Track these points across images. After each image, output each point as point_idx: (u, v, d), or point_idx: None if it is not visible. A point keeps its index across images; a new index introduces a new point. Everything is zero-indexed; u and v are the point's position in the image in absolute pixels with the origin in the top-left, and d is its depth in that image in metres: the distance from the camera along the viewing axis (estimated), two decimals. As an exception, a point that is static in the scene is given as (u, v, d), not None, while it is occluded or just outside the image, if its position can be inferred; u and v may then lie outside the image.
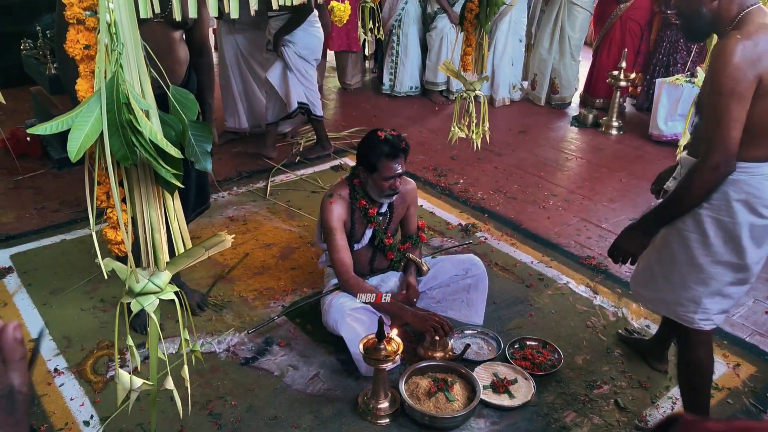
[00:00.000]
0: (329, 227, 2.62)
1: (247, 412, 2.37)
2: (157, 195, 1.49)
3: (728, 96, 1.79)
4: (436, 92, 6.15)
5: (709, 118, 1.86)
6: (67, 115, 1.27)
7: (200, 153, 1.48)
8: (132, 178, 1.45)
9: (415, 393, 2.37)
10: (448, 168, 4.58)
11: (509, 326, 2.88)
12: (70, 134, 1.25)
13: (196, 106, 1.48)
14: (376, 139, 2.56)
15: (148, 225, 1.49)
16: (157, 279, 1.52)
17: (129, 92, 1.27)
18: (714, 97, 1.83)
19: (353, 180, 2.69)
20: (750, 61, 1.79)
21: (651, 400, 2.48)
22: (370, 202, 2.68)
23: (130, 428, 2.27)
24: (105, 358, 2.61)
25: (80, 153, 1.26)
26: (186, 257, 1.54)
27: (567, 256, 3.47)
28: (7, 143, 4.47)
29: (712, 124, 1.84)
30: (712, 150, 1.84)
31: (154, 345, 1.59)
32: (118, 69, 1.26)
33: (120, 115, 1.27)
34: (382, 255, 2.82)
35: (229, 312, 2.93)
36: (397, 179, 2.58)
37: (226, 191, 4.10)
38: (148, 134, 1.29)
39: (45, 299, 2.97)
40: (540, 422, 2.36)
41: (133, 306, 1.51)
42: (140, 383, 1.59)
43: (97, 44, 1.30)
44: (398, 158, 2.54)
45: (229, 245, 1.54)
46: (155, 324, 1.55)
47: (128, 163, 1.34)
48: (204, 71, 2.69)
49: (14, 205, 3.86)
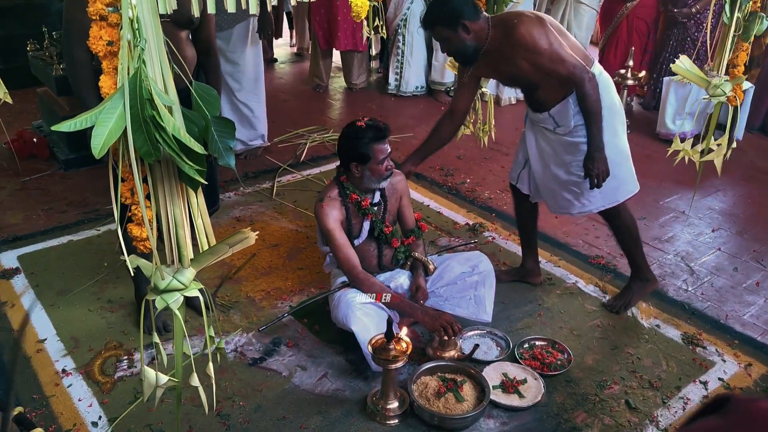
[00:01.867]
0: (327, 229, 2.61)
1: (256, 413, 2.36)
2: (180, 192, 1.49)
3: (551, 45, 2.45)
4: (442, 92, 6.13)
5: (555, 68, 2.47)
6: (90, 112, 1.27)
7: (223, 149, 1.48)
8: (156, 174, 1.45)
9: (424, 393, 2.36)
10: (454, 167, 4.56)
11: (518, 326, 2.87)
12: (94, 131, 1.25)
13: (218, 102, 1.47)
14: (358, 129, 2.60)
15: (172, 222, 1.49)
16: (181, 276, 1.52)
17: (152, 88, 1.27)
18: (545, 57, 2.46)
19: (340, 178, 2.70)
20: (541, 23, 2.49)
21: (662, 400, 2.46)
22: (361, 194, 2.67)
23: (138, 429, 2.26)
24: (113, 358, 2.61)
25: (104, 149, 1.26)
26: (210, 254, 1.54)
27: (575, 256, 3.45)
28: (14, 145, 4.49)
29: (561, 68, 2.46)
30: (578, 73, 2.45)
31: (179, 342, 1.59)
32: (140, 65, 1.26)
33: (143, 111, 1.27)
34: (387, 249, 2.80)
35: (236, 312, 2.92)
36: (389, 158, 2.62)
37: (233, 192, 4.10)
38: (171, 130, 1.29)
39: (52, 300, 2.96)
40: (550, 422, 2.35)
41: (158, 303, 1.51)
42: (165, 380, 1.59)
43: (120, 40, 1.29)
44: (385, 138, 2.60)
45: (253, 242, 1.55)
46: (180, 321, 1.55)
47: (152, 160, 1.34)
48: (211, 71, 2.68)
49: (21, 206, 3.86)
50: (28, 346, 2.67)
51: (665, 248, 3.57)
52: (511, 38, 2.49)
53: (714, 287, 3.22)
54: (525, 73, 2.56)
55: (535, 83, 2.60)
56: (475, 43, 2.55)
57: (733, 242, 3.67)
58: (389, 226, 2.76)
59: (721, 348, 2.77)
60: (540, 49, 2.45)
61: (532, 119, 2.80)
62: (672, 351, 2.73)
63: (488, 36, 2.55)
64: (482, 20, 2.55)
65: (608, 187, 2.65)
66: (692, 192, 4.25)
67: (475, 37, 2.54)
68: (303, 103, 6.05)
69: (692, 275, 3.31)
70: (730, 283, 3.26)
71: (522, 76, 2.60)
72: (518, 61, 2.53)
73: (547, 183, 2.84)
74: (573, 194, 2.77)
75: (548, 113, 2.65)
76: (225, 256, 1.55)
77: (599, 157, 2.55)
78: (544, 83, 2.58)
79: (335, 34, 6.03)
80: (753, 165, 4.78)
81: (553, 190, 2.84)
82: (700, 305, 3.06)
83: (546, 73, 2.52)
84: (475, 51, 2.58)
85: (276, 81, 6.79)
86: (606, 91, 2.59)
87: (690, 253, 3.53)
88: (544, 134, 2.76)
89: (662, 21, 5.55)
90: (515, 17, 2.53)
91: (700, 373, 2.61)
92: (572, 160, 2.69)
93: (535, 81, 2.59)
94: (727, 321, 2.95)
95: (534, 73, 2.54)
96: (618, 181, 2.70)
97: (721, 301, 3.10)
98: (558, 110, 2.62)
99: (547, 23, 2.51)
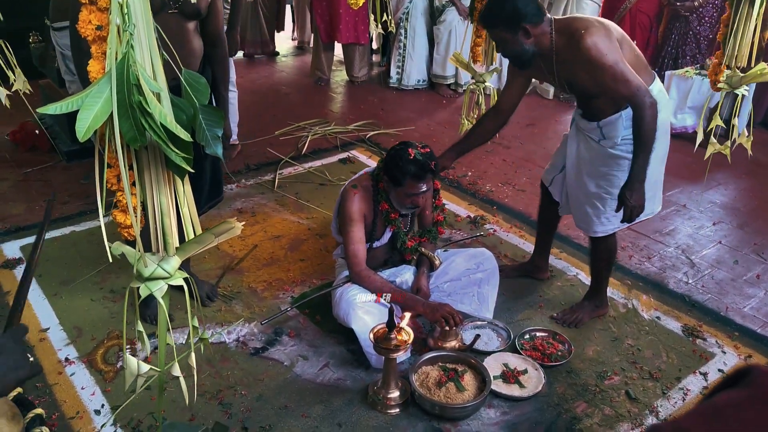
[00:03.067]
0: (349, 217, 2.59)
1: (257, 402, 2.37)
2: (167, 180, 1.48)
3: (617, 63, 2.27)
4: (444, 85, 6.13)
5: (617, 87, 2.29)
6: (77, 96, 1.26)
7: (211, 138, 1.46)
8: (142, 161, 1.43)
9: (426, 383, 2.37)
10: (456, 161, 4.55)
11: (519, 317, 2.88)
12: (79, 114, 1.24)
13: (207, 90, 1.46)
14: (405, 156, 2.49)
15: (158, 210, 1.48)
16: (166, 264, 1.50)
17: (140, 74, 1.26)
18: (608, 74, 2.28)
19: (378, 182, 2.66)
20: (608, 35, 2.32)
21: (662, 391, 2.47)
22: (392, 207, 2.67)
23: (141, 417, 2.27)
24: (115, 347, 2.62)
25: (88, 133, 1.25)
26: (196, 243, 1.52)
27: (576, 248, 3.46)
28: (16, 136, 4.49)
29: (623, 87, 2.28)
30: (640, 97, 2.27)
31: (162, 331, 1.58)
32: (129, 50, 1.25)
33: (130, 97, 1.26)
34: (397, 252, 2.81)
35: (238, 303, 2.93)
36: (420, 197, 2.55)
37: (235, 184, 4.10)
38: (158, 117, 1.28)
39: (55, 290, 2.98)
40: (550, 412, 2.36)
41: (141, 291, 1.49)
42: (147, 368, 1.59)
43: (109, 25, 1.29)
44: (425, 179, 2.51)
45: (239, 232, 1.53)
46: (164, 309, 1.54)
47: (137, 145, 1.32)
48: (218, 63, 2.66)
49: (23, 197, 3.87)
50: (30, 335, 2.68)
51: (666, 241, 3.57)
52: (575, 48, 2.30)
53: (714, 280, 3.22)
54: (584, 83, 2.41)
55: (593, 94, 2.46)
56: (534, 47, 2.38)
57: (734, 235, 3.68)
58: (411, 240, 2.75)
59: (721, 340, 2.77)
60: (605, 65, 2.26)
61: (578, 125, 2.65)
62: (672, 342, 2.74)
63: (550, 41, 2.39)
64: (545, 23, 2.37)
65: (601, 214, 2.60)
66: (693, 186, 4.25)
67: (536, 41, 2.37)
68: (304, 96, 6.05)
69: (693, 268, 3.32)
70: (730, 275, 3.27)
71: (579, 85, 2.46)
72: (579, 72, 2.38)
73: (575, 192, 2.72)
74: (594, 210, 2.64)
75: (597, 124, 2.51)
76: (211, 245, 1.53)
77: (638, 189, 2.39)
78: (601, 96, 2.44)
79: (337, 27, 6.03)
80: (755, 159, 4.78)
81: (579, 201, 2.71)
82: (700, 297, 3.07)
83: (605, 90, 2.37)
84: (532, 56, 2.41)
85: (277, 74, 6.79)
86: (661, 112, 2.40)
87: (691, 246, 3.54)
88: (587, 142, 2.61)
89: (665, 15, 5.54)
90: (582, 26, 2.32)
91: (700, 365, 2.62)
92: (607, 173, 2.55)
93: (593, 92, 2.44)
94: (727, 313, 2.96)
95: (593, 86, 2.38)
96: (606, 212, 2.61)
97: (722, 294, 3.11)
98: (608, 122, 2.48)
99: (614, 35, 2.33)
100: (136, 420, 2.26)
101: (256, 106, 5.64)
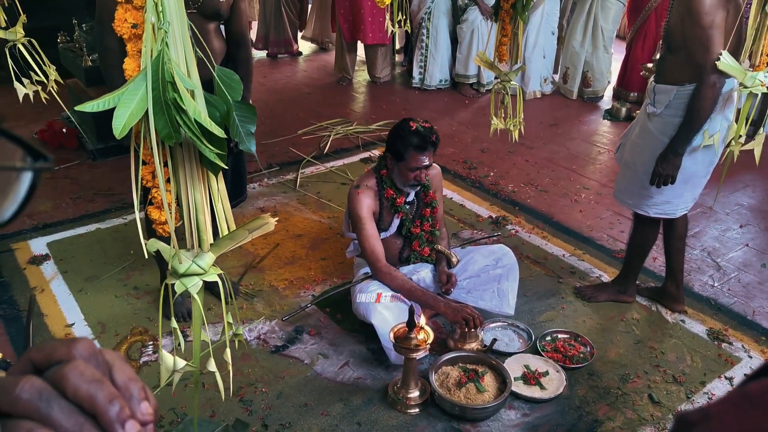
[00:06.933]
0: (358, 217, 2.61)
1: (278, 399, 2.38)
2: (201, 176, 1.50)
3: (710, 28, 2.21)
4: (467, 85, 6.10)
5: (695, 48, 2.25)
6: (113, 94, 1.28)
7: (244, 134, 1.49)
8: (177, 158, 1.46)
9: (445, 383, 2.36)
10: (478, 161, 4.54)
11: (540, 318, 2.85)
12: (116, 111, 1.26)
13: (240, 86, 1.48)
14: (406, 128, 2.54)
15: (192, 206, 1.50)
16: (200, 260, 1.52)
17: (174, 71, 1.28)
18: (697, 30, 2.23)
19: (380, 171, 2.68)
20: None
21: (686, 395, 2.44)
22: (397, 191, 2.67)
23: (162, 413, 2.30)
24: (138, 343, 2.65)
25: (125, 130, 1.28)
26: (230, 239, 1.54)
27: (599, 250, 3.42)
28: (44, 135, 4.57)
29: (700, 53, 2.24)
30: (708, 72, 2.24)
31: (197, 327, 1.60)
32: (164, 48, 1.27)
33: (165, 94, 1.28)
34: (410, 245, 2.81)
35: (259, 300, 2.95)
36: (422, 171, 2.57)
37: (257, 183, 4.13)
38: (192, 113, 1.30)
39: (80, 286, 3.02)
40: (572, 415, 2.34)
41: (177, 287, 1.51)
42: (183, 364, 1.60)
43: (144, 23, 1.31)
44: (426, 151, 2.53)
45: (273, 228, 1.54)
46: (198, 305, 1.55)
47: (172, 142, 1.35)
48: (241, 63, 2.67)
49: (51, 194, 3.93)
50: (56, 330, 2.72)
51: (691, 243, 3.52)
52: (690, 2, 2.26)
53: (741, 283, 3.17)
54: (673, 27, 2.39)
55: (675, 44, 2.41)
56: None
57: (762, 238, 3.61)
58: (417, 226, 2.76)
59: (748, 344, 2.72)
60: (699, 21, 2.22)
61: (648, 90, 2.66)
62: (697, 346, 2.70)
63: None
64: None
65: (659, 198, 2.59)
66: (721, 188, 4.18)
67: None
68: (326, 95, 6.07)
69: (719, 271, 3.27)
70: (757, 279, 3.21)
71: (671, 27, 2.42)
72: (676, 14, 2.37)
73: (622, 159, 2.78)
74: (626, 180, 2.70)
75: (655, 85, 2.51)
76: (245, 241, 1.54)
77: (672, 160, 2.42)
78: (678, 52, 2.40)
79: (359, 27, 6.03)
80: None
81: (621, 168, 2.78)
82: (726, 301, 3.02)
83: (685, 45, 2.33)
84: None
85: (300, 74, 6.81)
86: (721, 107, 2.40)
87: (717, 249, 3.48)
88: (643, 113, 2.64)
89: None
90: None
91: (725, 369, 2.58)
92: (638, 143, 2.58)
93: (676, 42, 2.40)
94: (754, 317, 2.90)
95: (679, 35, 2.35)
96: (664, 197, 2.60)
97: (749, 297, 3.05)
98: (662, 90, 2.47)
99: (731, 2, 2.27)
100: (158, 415, 2.29)
101: (279, 105, 5.67)
